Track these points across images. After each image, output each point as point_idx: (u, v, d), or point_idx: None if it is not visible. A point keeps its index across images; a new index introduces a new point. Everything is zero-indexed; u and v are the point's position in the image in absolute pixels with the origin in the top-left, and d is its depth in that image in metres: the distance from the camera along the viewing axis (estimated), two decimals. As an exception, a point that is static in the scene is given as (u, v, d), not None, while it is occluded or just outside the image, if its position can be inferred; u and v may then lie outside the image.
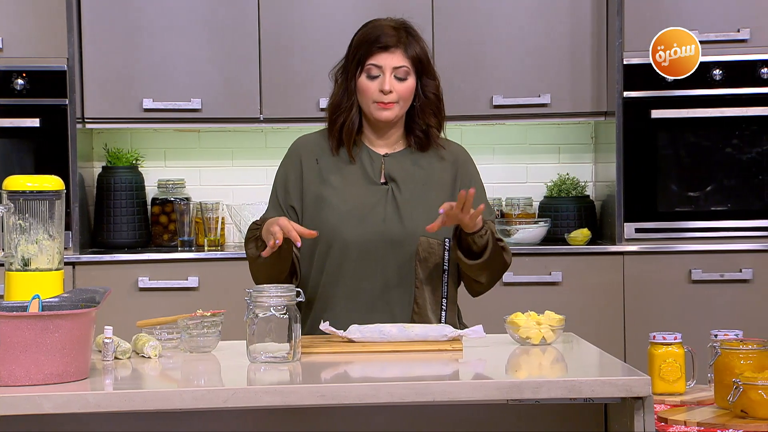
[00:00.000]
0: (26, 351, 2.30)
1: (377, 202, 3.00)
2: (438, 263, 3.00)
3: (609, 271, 4.65)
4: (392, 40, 2.98)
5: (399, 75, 2.98)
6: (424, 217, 2.97)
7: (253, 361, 2.59)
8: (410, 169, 3.03)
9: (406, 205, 2.99)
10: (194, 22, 4.74)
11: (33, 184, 2.74)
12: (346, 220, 2.98)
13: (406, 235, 2.97)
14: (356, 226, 2.97)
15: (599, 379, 2.37)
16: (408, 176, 3.02)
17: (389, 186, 3.02)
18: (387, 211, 2.99)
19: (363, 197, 3.00)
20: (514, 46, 4.79)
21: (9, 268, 2.75)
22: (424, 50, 3.02)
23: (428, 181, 3.03)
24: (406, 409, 2.53)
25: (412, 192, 3.01)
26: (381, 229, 2.97)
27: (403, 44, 2.98)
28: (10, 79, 4.58)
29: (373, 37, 2.99)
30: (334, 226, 2.97)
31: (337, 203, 2.99)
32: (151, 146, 5.06)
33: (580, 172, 5.09)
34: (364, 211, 2.98)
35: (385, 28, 3.00)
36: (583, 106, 4.81)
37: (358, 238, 2.97)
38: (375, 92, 2.97)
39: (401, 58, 2.98)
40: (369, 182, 3.02)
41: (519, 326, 2.81)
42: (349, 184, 3.01)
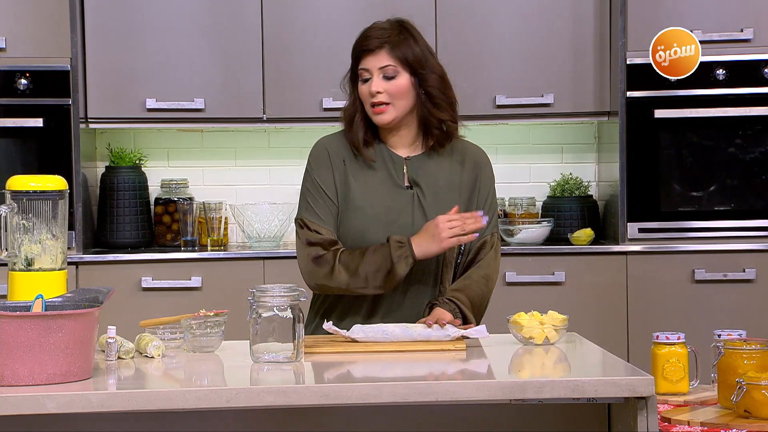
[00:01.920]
0: (29, 351, 2.30)
1: (404, 207, 2.99)
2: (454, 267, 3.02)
3: (612, 271, 4.64)
4: (375, 42, 2.96)
5: (387, 74, 2.96)
6: None
7: (256, 361, 2.59)
8: (432, 172, 3.02)
9: (432, 210, 2.98)
10: (197, 22, 4.74)
11: (36, 184, 2.74)
12: (373, 224, 2.97)
13: None
14: (384, 231, 2.96)
15: (602, 379, 2.37)
16: (431, 180, 3.01)
17: (414, 191, 3.01)
18: (415, 216, 2.98)
19: (389, 201, 2.99)
20: (517, 46, 4.79)
21: (12, 268, 2.75)
22: (416, 49, 2.97)
23: (450, 184, 3.02)
24: (409, 409, 2.53)
25: (436, 197, 3.00)
26: (409, 234, 2.95)
27: (390, 43, 2.96)
28: (13, 79, 4.58)
29: (359, 42, 2.99)
30: (362, 230, 2.97)
31: (364, 206, 2.99)
32: (154, 146, 5.06)
33: (583, 172, 5.08)
34: (391, 216, 2.98)
35: (372, 30, 2.99)
36: (586, 106, 4.80)
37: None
38: (368, 96, 2.97)
39: (386, 58, 2.96)
40: (394, 185, 3.01)
41: (522, 326, 2.81)
42: (374, 187, 3.00)
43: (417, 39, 3.00)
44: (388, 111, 2.97)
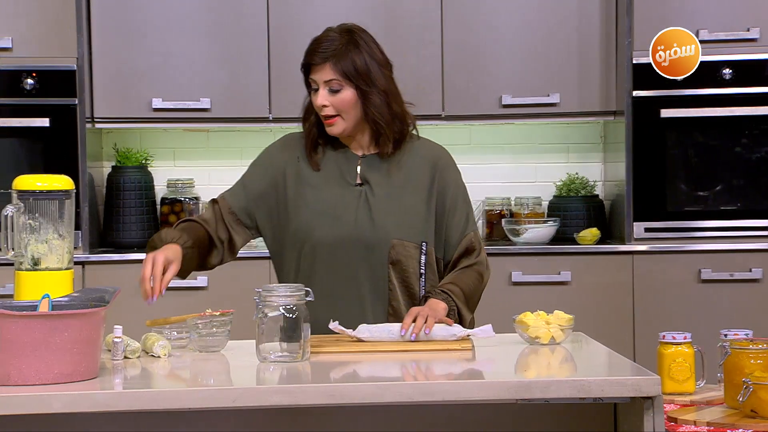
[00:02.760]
0: (36, 350, 2.30)
1: (350, 203, 2.99)
2: (414, 266, 2.99)
3: (618, 270, 4.64)
4: (319, 57, 2.94)
5: (332, 87, 2.95)
6: (398, 220, 2.97)
7: (262, 360, 2.59)
8: (386, 171, 3.01)
9: (378, 208, 2.98)
10: (203, 22, 4.75)
11: (43, 184, 2.74)
12: (318, 219, 2.97)
13: (377, 239, 2.96)
14: (328, 227, 2.96)
15: (609, 379, 2.37)
16: (383, 178, 3.01)
17: (363, 188, 3.00)
18: (359, 213, 2.98)
19: (337, 198, 2.99)
20: (523, 46, 4.79)
21: (19, 268, 2.75)
22: (361, 62, 2.94)
23: (405, 183, 3.01)
24: (415, 409, 2.53)
25: (386, 195, 2.99)
26: (352, 232, 2.96)
27: (334, 57, 2.93)
28: (19, 79, 4.58)
29: (308, 52, 2.98)
30: (308, 225, 2.97)
31: (313, 202, 2.99)
32: (160, 146, 5.07)
33: (589, 172, 5.08)
34: (337, 212, 2.98)
35: (320, 42, 2.96)
36: (592, 106, 4.80)
37: (329, 239, 2.96)
38: (316, 106, 2.97)
39: (330, 72, 2.94)
40: (344, 183, 3.01)
41: (528, 326, 2.81)
42: (325, 183, 3.01)
43: (362, 51, 2.95)
44: (338, 123, 2.97)
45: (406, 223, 2.98)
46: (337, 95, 2.95)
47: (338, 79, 2.94)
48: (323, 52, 2.94)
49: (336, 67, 2.94)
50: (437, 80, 4.78)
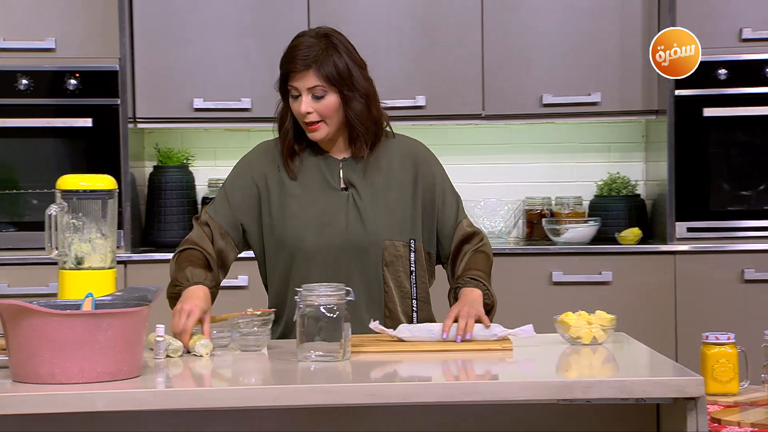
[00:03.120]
0: (80, 349, 2.32)
1: (338, 209, 2.97)
2: (405, 265, 2.99)
3: (660, 270, 4.61)
4: (301, 64, 2.91)
5: (316, 94, 2.93)
6: (387, 220, 2.97)
7: (302, 359, 2.60)
8: (368, 172, 3.00)
9: (367, 210, 2.97)
10: (244, 22, 4.76)
11: (86, 184, 2.77)
12: (307, 228, 2.95)
13: (370, 241, 2.95)
14: (318, 235, 2.95)
15: (651, 380, 2.36)
16: (367, 180, 2.99)
17: (349, 192, 2.99)
18: (349, 217, 2.96)
19: (323, 204, 2.97)
20: (564, 44, 4.77)
21: (62, 267, 2.77)
22: (343, 66, 2.92)
23: (388, 183, 3.00)
24: (455, 409, 2.53)
25: (372, 196, 2.98)
26: (344, 237, 2.95)
27: (316, 63, 2.91)
28: (63, 80, 4.62)
29: (287, 59, 2.95)
30: (297, 235, 2.95)
31: (298, 211, 2.97)
32: (201, 146, 5.09)
33: (631, 171, 5.05)
34: (325, 219, 2.96)
35: (300, 48, 2.93)
36: (633, 105, 4.77)
37: (321, 247, 2.95)
38: (299, 113, 2.95)
39: (313, 78, 2.91)
40: (329, 188, 2.99)
41: (569, 326, 2.79)
42: (309, 190, 2.99)
43: (342, 54, 2.94)
44: (321, 128, 2.95)
45: (395, 222, 2.98)
46: (321, 101, 2.93)
47: (322, 85, 2.91)
48: (305, 58, 2.91)
49: (319, 72, 2.91)
50: (477, 80, 4.77)
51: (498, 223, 4.85)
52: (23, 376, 2.35)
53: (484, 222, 4.84)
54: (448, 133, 5.08)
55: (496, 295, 3.00)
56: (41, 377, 2.33)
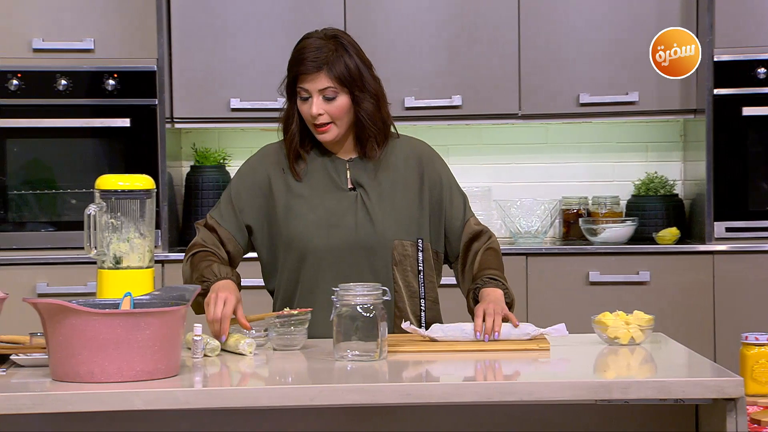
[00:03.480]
0: (118, 348, 2.34)
1: (347, 209, 2.97)
2: (413, 264, 2.98)
3: (698, 270, 4.58)
4: (312, 65, 2.90)
5: (327, 95, 2.92)
6: (395, 220, 2.97)
7: (339, 359, 2.60)
8: (375, 172, 3.00)
9: (376, 210, 2.97)
10: (281, 22, 4.78)
11: (125, 184, 2.78)
12: (316, 229, 2.95)
13: (379, 241, 2.95)
14: (327, 235, 2.95)
15: (690, 380, 2.34)
16: (374, 180, 2.99)
17: (357, 192, 2.99)
18: (358, 217, 2.96)
19: (332, 205, 2.97)
20: (601, 44, 4.74)
21: (101, 266, 2.79)
22: (353, 66, 2.92)
23: (395, 183, 3.00)
24: (491, 409, 2.52)
25: (380, 196, 2.98)
26: (353, 237, 2.95)
27: (327, 64, 2.90)
28: (101, 80, 4.65)
29: (297, 62, 2.93)
30: (305, 236, 2.95)
31: (306, 212, 2.97)
32: (238, 146, 5.11)
33: (669, 171, 5.02)
34: (333, 220, 2.96)
35: (309, 50, 2.91)
36: (671, 104, 4.74)
37: (330, 247, 2.94)
38: (309, 115, 2.94)
39: (325, 80, 2.91)
40: (336, 189, 2.99)
41: (607, 326, 2.78)
42: (316, 191, 2.99)
43: (352, 54, 2.94)
44: (331, 129, 2.95)
45: (403, 222, 2.98)
46: (332, 103, 2.92)
47: (334, 86, 2.91)
48: (315, 60, 2.90)
49: (330, 74, 2.91)
50: (514, 79, 4.76)
51: (534, 223, 4.84)
52: (62, 375, 2.37)
53: (520, 222, 4.83)
54: (484, 133, 5.07)
55: (533, 294, 3.00)
56: (80, 376, 2.34)
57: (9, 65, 4.62)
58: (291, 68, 2.96)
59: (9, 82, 4.61)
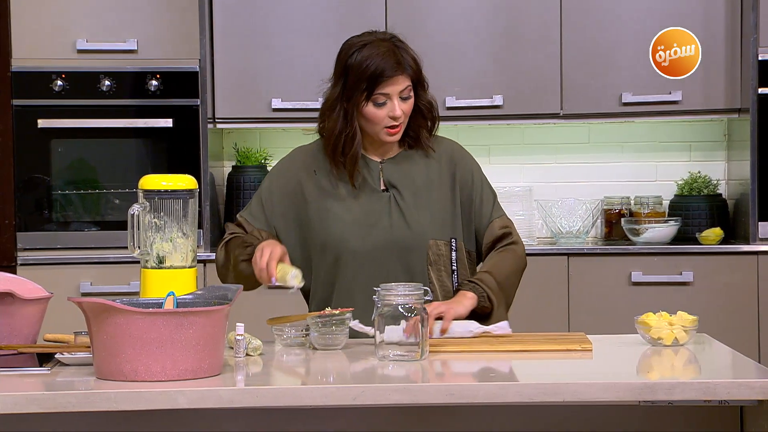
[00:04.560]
0: (162, 347, 2.35)
1: (381, 210, 2.98)
2: (447, 264, 2.98)
3: (742, 271, 4.54)
4: (395, 70, 2.92)
5: (403, 95, 2.95)
6: (430, 219, 2.98)
7: (381, 359, 2.60)
8: (408, 173, 3.01)
9: (410, 211, 2.98)
10: (322, 23, 4.78)
11: (168, 184, 2.80)
12: (352, 230, 2.97)
13: (415, 241, 2.96)
14: (363, 236, 2.96)
15: (735, 381, 2.32)
16: (407, 181, 3.00)
17: (390, 193, 3.00)
18: (393, 218, 2.97)
19: (366, 206, 2.98)
20: (645, 43, 4.71)
21: (144, 266, 2.81)
22: (416, 61, 2.97)
23: (428, 183, 3.01)
24: (533, 409, 2.51)
25: (413, 196, 2.99)
26: (389, 237, 2.96)
27: (402, 66, 2.93)
28: (144, 81, 4.68)
29: (375, 69, 2.92)
30: (341, 238, 2.96)
31: (341, 214, 2.98)
32: (279, 146, 5.12)
33: (712, 170, 4.98)
34: (369, 221, 2.97)
35: (382, 57, 2.92)
36: (715, 103, 4.71)
37: (366, 248, 2.95)
38: (384, 119, 2.94)
39: (404, 81, 2.94)
40: (370, 190, 3.00)
41: (650, 326, 2.76)
42: (350, 193, 2.99)
43: (412, 54, 2.98)
44: (401, 129, 2.98)
45: (438, 221, 2.99)
46: (407, 102, 2.96)
47: (410, 85, 2.96)
48: (395, 62, 2.93)
49: (406, 74, 2.94)
50: (556, 78, 4.74)
51: (576, 222, 4.82)
52: (107, 373, 2.38)
53: (562, 222, 4.81)
54: (526, 133, 5.06)
55: (575, 295, 2.98)
56: (125, 374, 2.36)
57: (53, 66, 4.66)
58: (365, 79, 2.93)
59: (53, 82, 4.65)
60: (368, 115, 2.96)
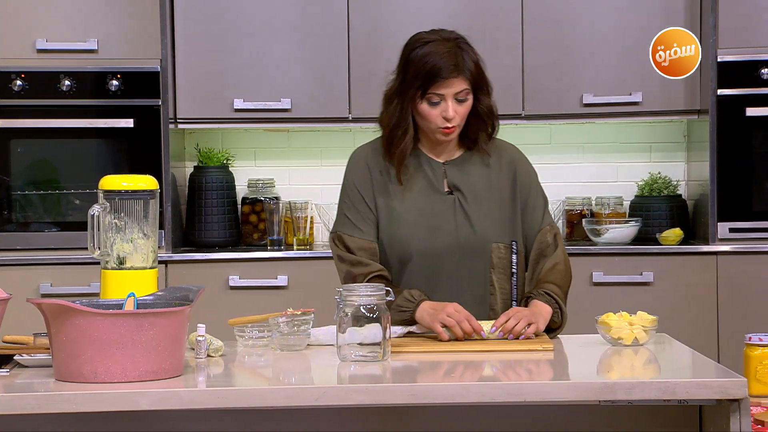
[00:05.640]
0: (122, 349, 2.34)
1: (446, 212, 2.99)
2: (507, 267, 2.99)
3: (702, 271, 4.58)
4: (452, 71, 2.92)
5: (459, 98, 2.95)
6: (492, 222, 2.99)
7: (343, 359, 2.60)
8: (470, 175, 3.03)
9: (475, 213, 2.99)
10: (284, 23, 4.78)
11: (128, 184, 2.78)
12: (417, 231, 2.98)
13: (480, 244, 2.97)
14: (428, 238, 2.97)
15: (694, 381, 2.34)
16: (470, 183, 3.02)
17: (455, 195, 3.01)
18: (457, 220, 2.98)
19: (431, 208, 2.99)
20: (605, 44, 4.74)
21: (105, 267, 2.79)
22: (478, 65, 2.98)
23: (488, 185, 3.02)
24: (495, 410, 2.52)
25: (476, 199, 3.01)
26: (454, 240, 2.97)
27: (460, 68, 2.94)
28: (105, 81, 4.65)
29: (432, 68, 2.93)
30: (406, 238, 2.98)
31: (406, 215, 2.99)
32: (241, 146, 5.11)
33: (672, 171, 5.02)
34: (434, 223, 2.98)
35: (442, 56, 2.93)
36: (675, 104, 4.74)
37: (430, 250, 2.97)
38: (438, 118, 2.95)
39: (461, 83, 2.94)
40: (434, 192, 3.01)
41: (611, 327, 2.78)
42: (414, 194, 3.01)
43: (477, 56, 2.99)
44: (456, 131, 2.99)
45: (500, 224, 3.00)
46: (462, 104, 2.97)
47: (467, 88, 2.96)
48: (455, 65, 2.93)
49: (464, 77, 2.95)
50: (517, 79, 4.76)
51: (538, 223, 4.84)
52: (66, 375, 2.37)
53: (524, 222, 4.83)
54: (488, 133, 5.07)
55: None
56: (84, 376, 2.34)
57: (13, 66, 4.63)
58: (421, 77, 2.94)
59: (13, 82, 4.61)
60: (422, 112, 2.97)
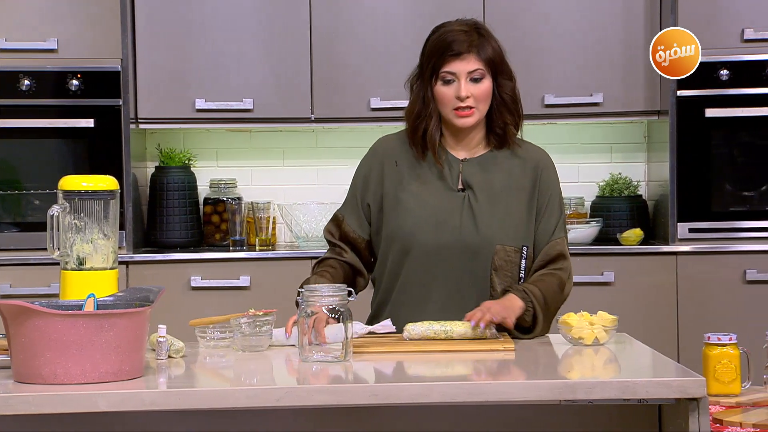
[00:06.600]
0: (82, 350, 2.32)
1: (454, 209, 2.97)
2: (514, 271, 2.97)
3: (662, 271, 4.61)
4: (464, 46, 2.93)
5: (474, 77, 2.94)
6: (501, 224, 2.96)
7: (305, 360, 2.60)
8: (489, 174, 3.00)
9: (482, 213, 2.97)
10: (246, 23, 4.77)
11: (88, 184, 2.76)
12: (422, 225, 2.96)
13: (482, 244, 2.94)
14: (432, 233, 2.96)
15: (653, 380, 2.36)
16: (485, 182, 2.99)
17: (466, 193, 2.99)
18: (463, 218, 2.96)
19: (440, 203, 2.98)
20: (566, 45, 4.76)
21: (64, 267, 2.77)
22: (498, 50, 2.98)
23: (507, 186, 3.00)
24: (456, 409, 2.53)
25: (489, 199, 2.98)
26: (457, 237, 2.95)
27: (476, 47, 2.94)
28: (65, 80, 4.62)
29: (444, 45, 2.95)
30: (411, 232, 2.97)
31: (414, 208, 2.98)
32: (203, 146, 5.09)
33: (633, 172, 5.05)
34: (440, 218, 2.96)
35: (456, 33, 2.95)
36: (635, 105, 4.77)
37: (433, 245, 2.95)
38: (452, 99, 2.94)
39: (475, 62, 2.94)
40: (446, 188, 3.00)
41: (571, 326, 2.79)
42: (426, 189, 3.00)
43: (495, 44, 2.99)
44: (473, 114, 2.95)
45: (509, 227, 2.96)
46: (477, 85, 2.94)
47: (482, 68, 2.94)
48: (467, 42, 2.93)
49: (479, 56, 2.94)
50: (479, 80, 4.76)
51: (500, 223, 4.85)
52: (25, 376, 2.35)
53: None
54: (450, 134, 5.08)
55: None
56: (43, 378, 2.33)
57: (-28, 65, 4.59)
58: (435, 53, 2.96)
59: (-29, 81, 4.58)
60: (438, 94, 2.96)
